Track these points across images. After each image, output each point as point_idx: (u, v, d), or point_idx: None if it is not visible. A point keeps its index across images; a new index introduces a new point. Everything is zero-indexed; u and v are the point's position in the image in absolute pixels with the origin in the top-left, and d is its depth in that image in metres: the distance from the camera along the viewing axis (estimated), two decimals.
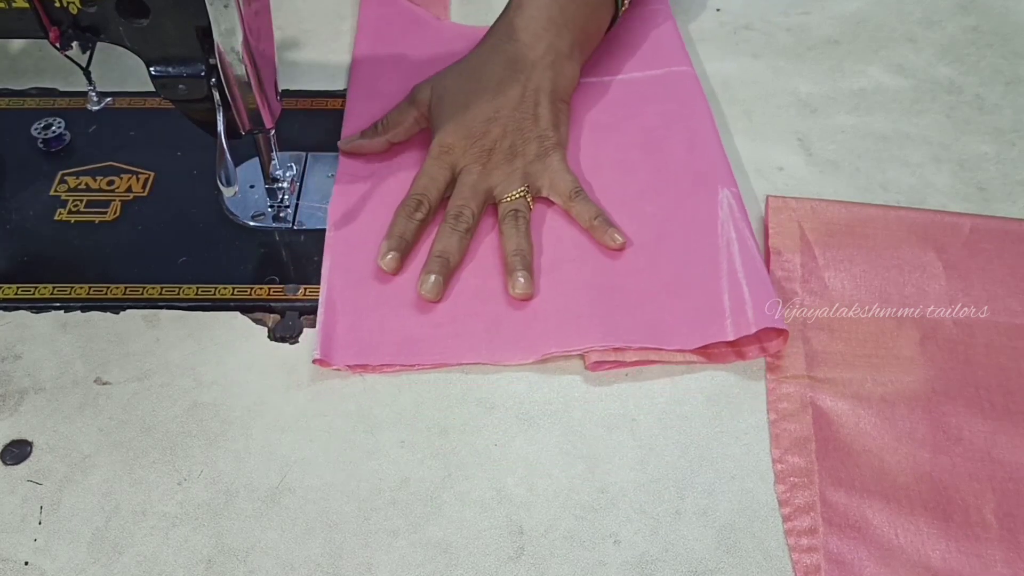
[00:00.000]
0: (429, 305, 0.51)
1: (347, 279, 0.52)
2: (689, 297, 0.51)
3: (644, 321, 0.50)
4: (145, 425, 0.46)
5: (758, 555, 0.42)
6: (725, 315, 0.49)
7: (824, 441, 0.46)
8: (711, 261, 0.52)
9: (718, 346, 0.49)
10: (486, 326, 0.50)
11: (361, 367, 0.49)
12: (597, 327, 0.49)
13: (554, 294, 0.51)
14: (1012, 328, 0.51)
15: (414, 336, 0.50)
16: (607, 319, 0.50)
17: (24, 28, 0.44)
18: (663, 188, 0.57)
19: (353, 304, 0.51)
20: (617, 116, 0.62)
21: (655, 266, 0.53)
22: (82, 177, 0.57)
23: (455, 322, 0.50)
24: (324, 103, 0.63)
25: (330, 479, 0.45)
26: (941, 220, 0.55)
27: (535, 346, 0.49)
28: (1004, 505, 0.44)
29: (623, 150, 0.60)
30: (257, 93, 0.48)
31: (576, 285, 0.52)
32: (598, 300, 0.51)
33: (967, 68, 0.67)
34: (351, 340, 0.49)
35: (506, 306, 0.51)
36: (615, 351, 0.49)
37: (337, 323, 0.50)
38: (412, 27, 0.69)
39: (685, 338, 0.49)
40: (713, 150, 0.58)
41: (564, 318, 0.50)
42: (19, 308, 0.51)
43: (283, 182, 0.55)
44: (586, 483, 0.45)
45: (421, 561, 0.42)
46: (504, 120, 0.56)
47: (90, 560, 0.42)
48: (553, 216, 0.56)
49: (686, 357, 0.49)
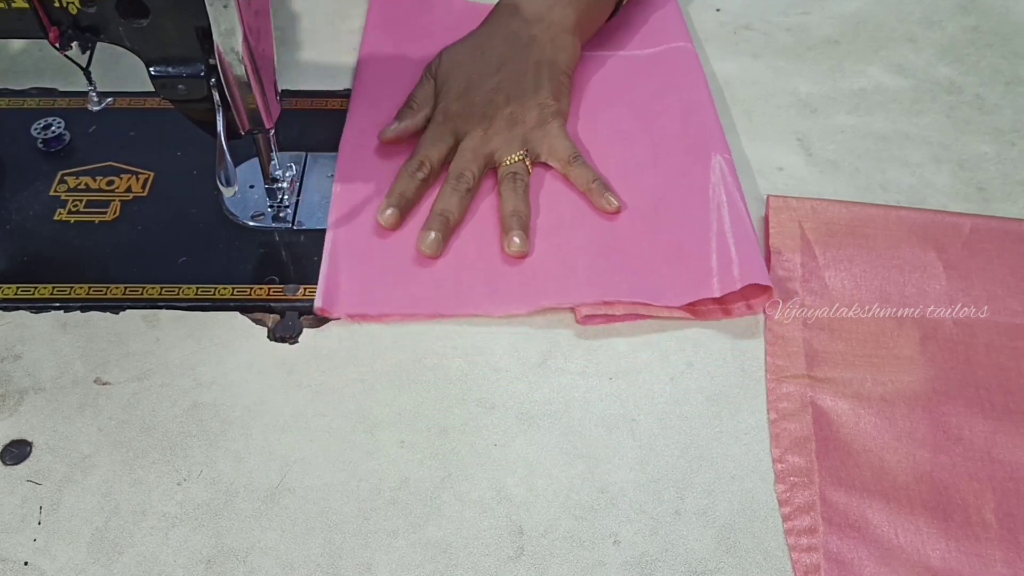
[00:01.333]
0: (428, 261, 0.53)
1: (351, 234, 0.54)
2: (680, 258, 0.53)
3: (635, 279, 0.52)
4: (145, 425, 0.46)
5: (758, 555, 0.42)
6: (712, 273, 0.51)
7: (824, 441, 0.46)
8: (702, 224, 0.54)
9: (705, 303, 0.51)
10: (483, 281, 0.52)
11: (361, 316, 0.50)
12: (589, 283, 0.51)
13: (550, 253, 0.53)
14: (1012, 328, 0.51)
15: (413, 289, 0.52)
16: (599, 276, 0.52)
17: (24, 28, 0.44)
18: (658, 157, 0.59)
19: (355, 258, 0.53)
20: (615, 89, 0.64)
21: (649, 230, 0.55)
22: (82, 177, 0.57)
23: (453, 277, 0.52)
24: (324, 103, 0.63)
25: (330, 479, 0.45)
26: (941, 220, 0.55)
27: (529, 299, 0.51)
28: (1004, 505, 0.44)
29: (620, 121, 0.62)
30: (257, 93, 0.48)
31: (572, 246, 0.54)
32: (592, 259, 0.53)
33: (967, 68, 0.67)
34: (353, 290, 0.51)
35: (502, 263, 0.53)
36: (605, 305, 0.51)
37: (340, 274, 0.52)
38: (423, 4, 0.71)
39: (674, 295, 0.51)
40: (708, 119, 0.60)
41: (558, 274, 0.52)
42: (19, 308, 0.51)
43: (283, 182, 0.55)
44: (586, 483, 0.45)
45: (421, 561, 0.42)
46: (507, 90, 0.58)
47: (90, 560, 0.42)
48: (551, 181, 0.58)
49: (673, 313, 0.51)
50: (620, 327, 0.51)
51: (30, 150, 0.59)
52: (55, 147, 0.59)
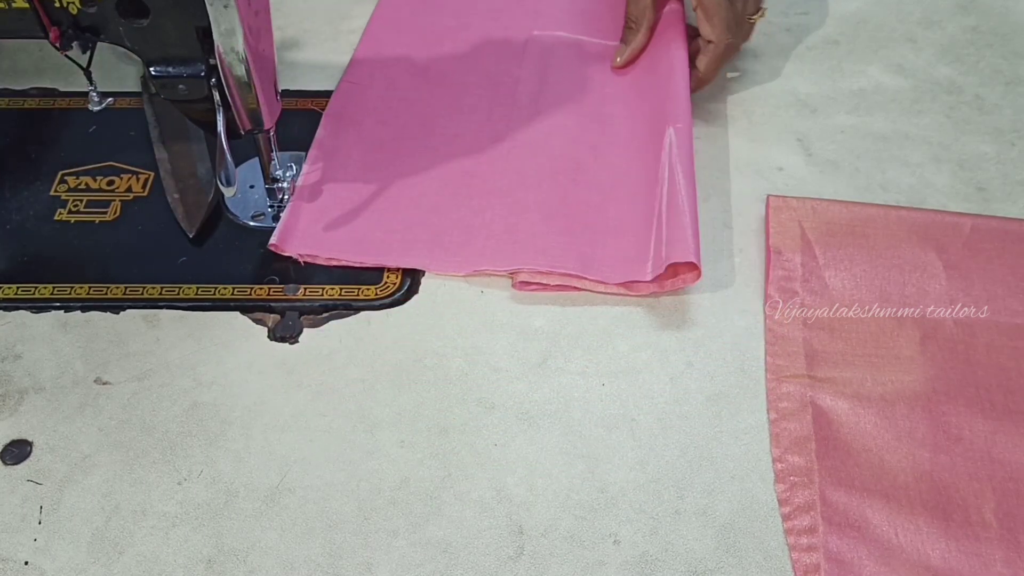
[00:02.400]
0: (388, 212, 0.55)
1: (321, 179, 0.57)
2: (621, 234, 0.54)
3: (577, 251, 0.53)
4: (145, 425, 0.46)
5: (758, 555, 0.42)
6: (648, 256, 0.52)
7: (824, 440, 0.46)
8: (647, 201, 0.55)
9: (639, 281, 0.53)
10: (430, 236, 0.54)
11: (311, 257, 0.53)
12: (530, 250, 0.53)
13: (499, 215, 0.55)
14: (1012, 328, 0.51)
15: (367, 237, 0.54)
16: (540, 242, 0.53)
17: (24, 28, 0.44)
18: (633, 133, 0.60)
19: (316, 203, 0.55)
20: (607, 75, 0.65)
21: (600, 202, 0.56)
22: (82, 177, 0.57)
23: (403, 229, 0.54)
24: (324, 103, 0.63)
25: (330, 479, 0.45)
26: (941, 220, 0.55)
27: (469, 262, 0.53)
28: (1004, 505, 0.44)
29: (605, 104, 0.63)
30: (257, 93, 0.48)
31: (522, 206, 0.55)
32: (537, 224, 0.54)
33: (967, 68, 0.67)
34: (308, 233, 0.54)
35: (453, 222, 0.55)
36: (541, 274, 0.52)
37: (300, 216, 0.54)
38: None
39: (610, 272, 0.52)
40: (677, 89, 0.60)
41: (501, 240, 0.54)
42: (19, 308, 0.51)
43: (283, 182, 0.55)
44: (586, 483, 0.45)
45: (421, 561, 0.42)
46: None
47: (90, 560, 0.42)
48: (532, 137, 0.59)
49: (608, 289, 0.52)
50: (620, 327, 0.51)
51: (30, 150, 0.59)
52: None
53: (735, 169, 0.59)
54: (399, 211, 0.55)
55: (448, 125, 0.61)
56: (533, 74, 0.64)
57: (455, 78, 0.64)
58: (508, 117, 0.61)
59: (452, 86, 0.64)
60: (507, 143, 0.59)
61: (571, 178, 0.57)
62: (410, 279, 0.53)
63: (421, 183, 0.57)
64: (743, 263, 0.54)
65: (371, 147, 0.59)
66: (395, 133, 0.60)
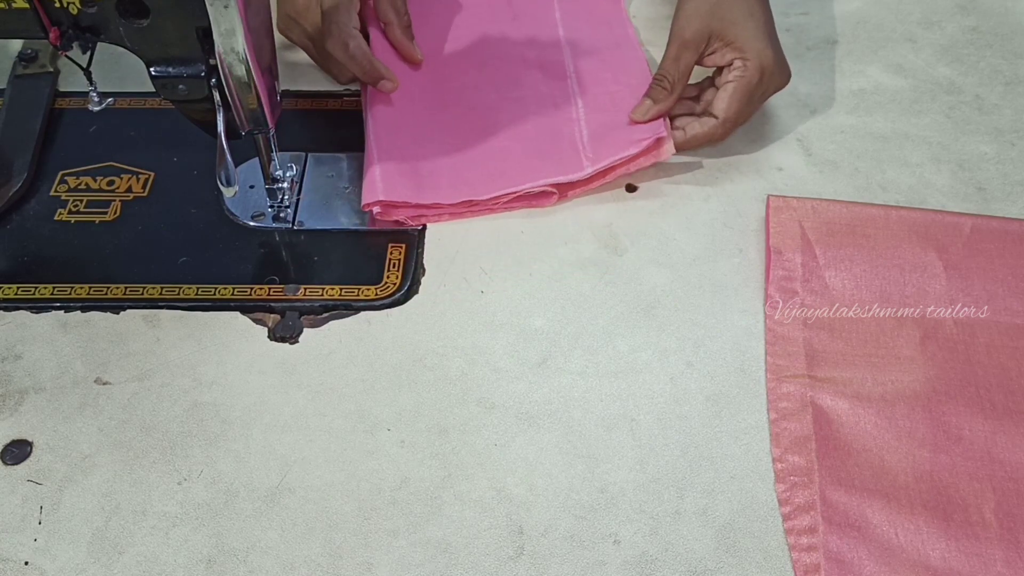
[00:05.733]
0: (449, 152, 0.59)
1: (388, 134, 0.58)
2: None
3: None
4: (145, 425, 0.46)
5: (758, 554, 0.42)
6: (580, 151, 0.58)
7: (824, 440, 0.46)
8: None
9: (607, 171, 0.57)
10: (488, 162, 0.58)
11: (415, 210, 0.55)
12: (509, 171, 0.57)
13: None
14: (1013, 328, 0.51)
15: (445, 179, 0.57)
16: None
17: (24, 28, 0.44)
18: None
19: (395, 152, 0.57)
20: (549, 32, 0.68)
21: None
22: (82, 177, 0.57)
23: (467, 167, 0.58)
24: (324, 103, 0.63)
25: (330, 479, 0.45)
26: (941, 220, 0.55)
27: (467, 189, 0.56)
28: (1004, 505, 0.44)
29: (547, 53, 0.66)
30: (257, 93, 0.48)
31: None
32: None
33: (967, 68, 0.67)
34: (396, 181, 0.55)
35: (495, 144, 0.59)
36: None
37: (381, 168, 0.56)
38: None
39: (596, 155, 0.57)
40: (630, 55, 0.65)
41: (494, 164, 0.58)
42: (19, 308, 0.51)
43: (283, 182, 0.55)
44: (586, 483, 0.45)
45: (421, 561, 0.42)
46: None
47: (90, 560, 0.42)
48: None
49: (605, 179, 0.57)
50: (620, 327, 0.51)
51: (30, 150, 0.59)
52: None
53: (735, 169, 0.59)
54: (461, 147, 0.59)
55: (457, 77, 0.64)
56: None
57: (457, 49, 0.67)
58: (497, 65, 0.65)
59: (454, 58, 0.66)
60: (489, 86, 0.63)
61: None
62: (410, 279, 0.53)
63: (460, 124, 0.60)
64: (743, 263, 0.54)
65: (412, 103, 0.61)
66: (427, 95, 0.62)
